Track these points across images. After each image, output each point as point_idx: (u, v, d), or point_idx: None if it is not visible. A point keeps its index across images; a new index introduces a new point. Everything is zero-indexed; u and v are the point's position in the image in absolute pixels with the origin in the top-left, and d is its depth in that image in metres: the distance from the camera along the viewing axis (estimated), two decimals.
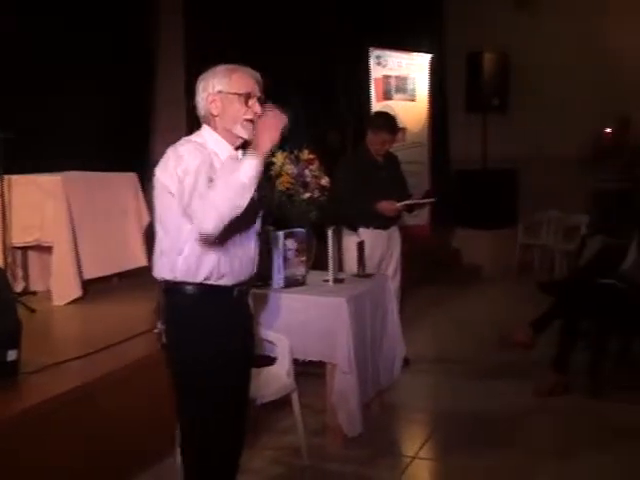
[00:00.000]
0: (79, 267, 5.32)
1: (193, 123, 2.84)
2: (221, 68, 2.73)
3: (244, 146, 2.72)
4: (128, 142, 7.90)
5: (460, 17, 9.70)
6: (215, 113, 2.70)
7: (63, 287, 5.26)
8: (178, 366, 2.75)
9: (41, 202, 5.32)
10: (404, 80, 8.72)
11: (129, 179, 5.98)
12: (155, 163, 2.67)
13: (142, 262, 5.82)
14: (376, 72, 8.36)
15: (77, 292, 5.27)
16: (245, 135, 2.70)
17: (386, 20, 8.66)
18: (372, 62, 8.30)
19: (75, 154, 6.54)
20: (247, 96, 2.68)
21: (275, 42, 8.19)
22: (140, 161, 7.62)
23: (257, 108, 2.68)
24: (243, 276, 2.79)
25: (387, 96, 8.48)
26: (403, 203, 5.25)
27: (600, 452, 4.15)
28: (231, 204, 2.44)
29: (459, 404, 4.92)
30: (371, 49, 8.27)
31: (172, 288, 2.70)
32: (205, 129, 2.75)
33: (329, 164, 5.09)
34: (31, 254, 5.64)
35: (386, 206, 5.23)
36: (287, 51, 8.42)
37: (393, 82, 8.58)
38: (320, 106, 8.58)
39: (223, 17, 8.16)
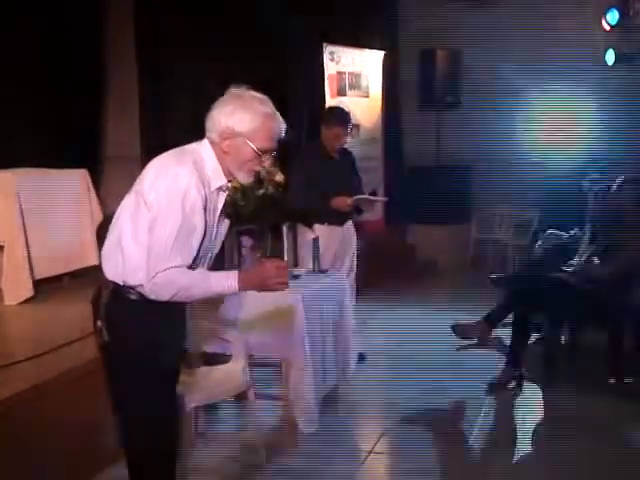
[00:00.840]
0: (30, 266, 5.24)
1: (145, 120, 2.77)
2: (252, 101, 2.57)
3: None
4: (78, 137, 7.79)
5: (413, 14, 9.73)
6: (225, 150, 2.56)
7: (15, 287, 5.17)
8: (120, 366, 2.68)
9: None
10: (358, 76, 8.74)
11: (80, 175, 5.89)
12: (106, 159, 2.61)
13: (94, 261, 5.74)
14: (330, 68, 8.35)
15: (29, 292, 5.19)
16: (244, 181, 2.64)
17: (339, 16, 8.66)
18: (326, 58, 8.29)
19: (24, 150, 6.43)
20: (267, 150, 2.58)
21: (228, 35, 8.13)
22: (91, 157, 7.52)
23: (267, 163, 2.63)
24: None
25: (341, 92, 8.48)
26: (356, 197, 5.21)
27: (553, 443, 4.22)
28: (192, 297, 2.54)
29: (414, 398, 4.94)
30: (325, 45, 8.25)
31: (121, 290, 2.59)
32: (207, 150, 2.58)
33: (284, 160, 5.08)
34: None
35: (340, 201, 5.20)
36: (240, 45, 8.37)
37: (347, 78, 8.59)
38: (273, 101, 8.55)
39: (175, 9, 8.09)
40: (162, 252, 2.43)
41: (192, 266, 2.54)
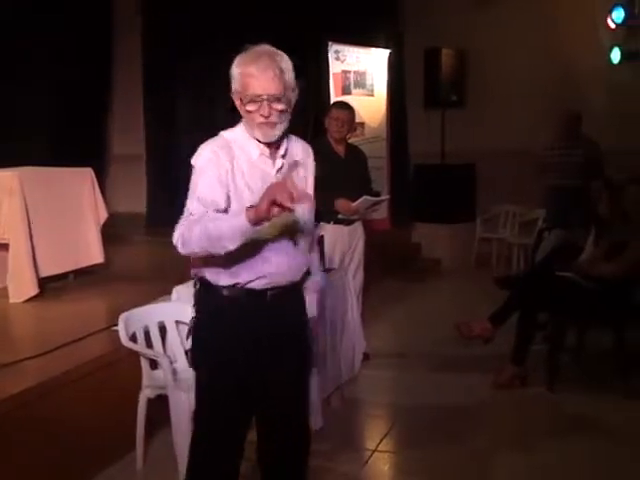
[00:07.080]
0: (35, 264, 5.25)
1: (149, 117, 2.76)
2: (243, 58, 2.52)
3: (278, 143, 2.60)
4: (84, 136, 7.82)
5: (418, 13, 9.71)
6: (240, 112, 2.55)
7: (20, 285, 5.18)
8: (202, 367, 2.68)
9: None
10: (363, 75, 8.72)
11: (85, 174, 5.90)
12: (112, 157, 2.61)
13: (99, 259, 5.76)
14: (335, 67, 8.34)
15: (34, 290, 5.20)
16: (262, 139, 2.53)
17: (344, 14, 8.66)
18: (331, 57, 8.28)
19: (30, 149, 6.45)
20: (257, 98, 2.46)
21: (232, 35, 8.14)
22: (96, 155, 7.55)
23: (266, 111, 2.46)
24: (284, 281, 2.63)
25: (346, 91, 8.47)
26: (358, 202, 5.11)
27: (557, 442, 4.21)
28: (203, 249, 2.40)
29: (418, 397, 4.94)
30: (330, 43, 8.25)
31: (206, 287, 2.62)
32: (241, 124, 2.59)
33: None
34: None
35: (343, 205, 5.15)
36: (244, 44, 8.37)
37: (352, 77, 8.58)
38: None
39: (180, 11, 8.11)
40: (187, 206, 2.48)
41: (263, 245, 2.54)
